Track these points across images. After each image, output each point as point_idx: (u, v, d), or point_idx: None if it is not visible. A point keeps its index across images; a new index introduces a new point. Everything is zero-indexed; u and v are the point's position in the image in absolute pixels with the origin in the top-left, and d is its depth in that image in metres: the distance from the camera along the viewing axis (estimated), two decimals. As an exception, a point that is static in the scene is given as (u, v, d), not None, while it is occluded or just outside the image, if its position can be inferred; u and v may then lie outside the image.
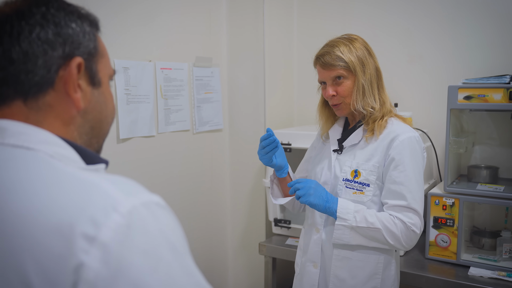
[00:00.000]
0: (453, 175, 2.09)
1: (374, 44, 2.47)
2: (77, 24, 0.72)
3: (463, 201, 1.88)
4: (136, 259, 0.56)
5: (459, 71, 2.24)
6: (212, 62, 2.45)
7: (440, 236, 1.93)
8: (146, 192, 0.63)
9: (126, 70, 1.95)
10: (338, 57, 1.52)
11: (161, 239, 0.59)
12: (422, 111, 2.37)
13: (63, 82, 0.69)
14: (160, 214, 0.62)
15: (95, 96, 0.74)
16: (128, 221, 0.57)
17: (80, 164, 0.69)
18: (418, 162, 1.51)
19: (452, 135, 1.98)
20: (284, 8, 2.64)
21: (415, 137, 1.52)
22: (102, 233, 0.55)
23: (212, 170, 2.51)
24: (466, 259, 1.91)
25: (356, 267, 1.54)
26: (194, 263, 0.64)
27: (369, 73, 1.53)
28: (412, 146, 1.50)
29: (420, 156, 1.52)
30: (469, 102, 1.85)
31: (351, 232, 1.49)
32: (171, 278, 0.57)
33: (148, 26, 2.05)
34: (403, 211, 1.47)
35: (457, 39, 2.27)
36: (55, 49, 0.68)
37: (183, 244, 0.63)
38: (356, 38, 1.59)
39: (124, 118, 1.94)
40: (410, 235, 1.47)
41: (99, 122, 0.77)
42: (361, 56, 1.53)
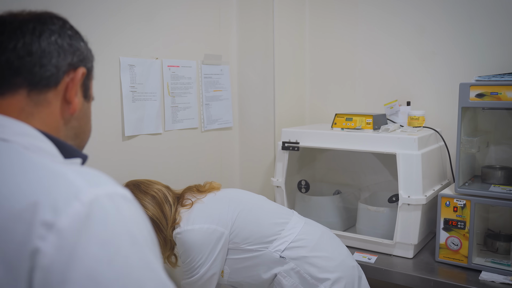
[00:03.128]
0: (466, 176, 2.02)
1: (385, 40, 2.43)
2: (83, 44, 0.85)
3: (474, 203, 1.81)
4: (92, 248, 0.56)
5: (474, 69, 2.17)
6: (222, 60, 2.43)
7: (450, 238, 1.87)
8: (113, 184, 0.65)
9: (132, 67, 1.94)
10: None
11: (121, 231, 0.59)
12: (435, 109, 2.30)
13: (65, 86, 0.79)
14: (124, 206, 0.62)
15: (84, 107, 0.85)
16: (88, 210, 0.58)
17: (56, 157, 0.73)
18: (183, 251, 1.68)
19: (464, 134, 1.91)
20: (295, 5, 2.60)
21: (179, 233, 1.66)
22: (60, 220, 0.56)
23: (222, 168, 2.49)
24: (478, 263, 1.84)
25: None
26: (159, 260, 0.63)
27: None
28: (177, 241, 1.67)
29: (181, 249, 1.68)
30: (481, 100, 1.78)
31: None
32: (127, 271, 0.57)
33: (155, 23, 2.05)
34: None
35: (472, 36, 2.20)
36: (67, 56, 0.79)
37: (147, 238, 0.63)
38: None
39: (130, 116, 1.94)
40: None
41: (82, 132, 0.86)
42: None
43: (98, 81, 1.82)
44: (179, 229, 1.63)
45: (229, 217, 1.67)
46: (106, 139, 1.88)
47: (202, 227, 1.62)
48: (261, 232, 1.67)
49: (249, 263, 1.68)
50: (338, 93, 2.64)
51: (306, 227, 1.74)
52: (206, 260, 1.61)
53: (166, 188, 1.74)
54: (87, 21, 1.77)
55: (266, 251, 1.65)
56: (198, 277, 1.62)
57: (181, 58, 2.19)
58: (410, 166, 1.89)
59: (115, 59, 1.88)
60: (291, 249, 1.66)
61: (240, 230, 1.66)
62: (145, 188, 1.69)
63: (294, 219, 1.76)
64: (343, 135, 2.08)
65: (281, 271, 1.65)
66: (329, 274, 1.63)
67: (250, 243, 1.66)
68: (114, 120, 1.90)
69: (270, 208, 1.80)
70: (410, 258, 1.95)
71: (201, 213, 1.66)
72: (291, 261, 1.65)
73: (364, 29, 2.51)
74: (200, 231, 1.62)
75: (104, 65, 1.84)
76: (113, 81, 1.89)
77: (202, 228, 1.62)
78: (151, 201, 1.66)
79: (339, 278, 1.63)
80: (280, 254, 1.65)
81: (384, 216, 2.05)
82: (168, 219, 1.65)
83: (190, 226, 1.62)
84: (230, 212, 1.68)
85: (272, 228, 1.69)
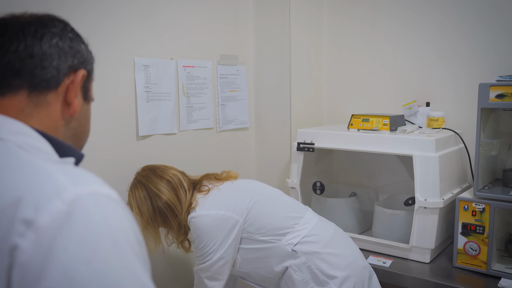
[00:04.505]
0: (487, 179, 1.95)
1: (404, 40, 2.38)
2: (84, 46, 0.86)
3: (494, 207, 1.75)
4: (70, 247, 0.56)
5: (496, 68, 2.10)
6: (238, 60, 2.42)
7: (469, 243, 1.81)
8: (99, 184, 0.65)
9: (147, 68, 1.96)
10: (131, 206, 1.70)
11: (102, 231, 0.59)
12: (456, 110, 2.24)
13: (65, 88, 0.80)
14: (107, 206, 0.62)
15: (84, 109, 0.86)
16: (70, 208, 0.58)
17: (51, 156, 0.73)
18: (197, 236, 1.66)
19: (484, 136, 1.85)
20: (313, 4, 2.57)
21: (194, 217, 1.65)
22: (40, 217, 0.57)
23: (238, 168, 2.48)
24: (497, 270, 1.77)
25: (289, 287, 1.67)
26: (143, 262, 0.63)
27: (146, 217, 1.67)
28: (192, 225, 1.66)
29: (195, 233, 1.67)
30: (502, 101, 1.72)
31: None
32: (105, 271, 0.57)
33: (171, 24, 2.06)
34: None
35: (494, 34, 2.13)
36: (67, 58, 0.80)
37: (131, 240, 0.63)
38: (137, 182, 1.72)
39: (144, 116, 1.96)
40: None
41: (81, 133, 0.87)
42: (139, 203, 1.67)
43: (112, 81, 1.85)
44: (194, 214, 1.63)
45: (244, 206, 1.66)
46: (120, 138, 1.89)
47: (218, 213, 1.62)
48: (275, 224, 1.67)
49: (260, 254, 1.67)
50: (357, 93, 2.60)
51: (319, 224, 1.74)
52: (220, 247, 1.61)
53: (181, 174, 1.74)
54: (102, 22, 1.79)
55: (279, 244, 1.65)
56: (211, 263, 1.61)
57: (196, 58, 2.19)
58: (427, 169, 1.84)
59: (129, 59, 1.90)
60: (304, 243, 1.65)
61: (254, 220, 1.66)
62: (161, 173, 1.70)
63: (308, 215, 1.75)
64: (358, 136, 2.04)
65: (292, 265, 1.64)
66: (340, 272, 1.62)
67: (264, 234, 1.66)
68: (128, 120, 1.91)
69: (285, 202, 1.79)
70: (427, 263, 1.90)
71: (218, 199, 1.67)
72: (302, 256, 1.64)
73: (382, 29, 2.46)
74: (215, 217, 1.62)
75: (118, 66, 1.86)
76: (128, 81, 1.90)
77: (218, 214, 1.62)
78: (166, 186, 1.67)
79: (348, 277, 1.62)
80: (292, 247, 1.64)
81: (400, 219, 2.01)
82: (183, 204, 1.66)
83: (205, 211, 1.63)
84: (246, 201, 1.68)
85: (286, 221, 1.68)
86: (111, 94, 1.85)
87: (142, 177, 1.71)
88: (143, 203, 1.66)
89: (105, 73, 1.81)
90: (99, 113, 1.80)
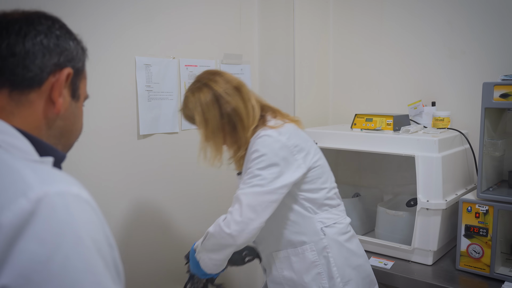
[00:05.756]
0: (492, 180, 1.91)
1: (410, 39, 2.34)
2: (73, 43, 0.83)
3: (498, 209, 1.71)
4: (30, 246, 0.55)
5: (503, 68, 2.05)
6: (242, 59, 2.42)
7: (472, 246, 1.78)
8: (68, 183, 0.64)
9: (148, 67, 1.96)
10: (188, 116, 1.59)
11: (65, 231, 0.58)
12: (462, 110, 2.20)
13: (50, 86, 0.78)
14: (75, 206, 0.61)
15: (72, 107, 0.84)
16: (34, 207, 0.58)
17: (30, 155, 0.73)
18: (259, 155, 1.45)
19: (489, 137, 1.81)
20: (318, 3, 2.55)
21: (261, 135, 1.48)
22: (3, 216, 0.56)
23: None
24: (501, 273, 1.73)
25: (294, 262, 1.58)
26: (108, 265, 0.61)
27: (211, 127, 1.51)
28: (256, 144, 1.47)
29: (262, 150, 1.45)
30: (506, 100, 1.68)
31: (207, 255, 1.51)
32: (64, 272, 0.56)
33: (173, 22, 2.06)
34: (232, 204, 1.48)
35: (501, 34, 2.08)
36: (52, 56, 0.78)
37: (98, 241, 0.61)
38: (203, 85, 1.52)
39: (145, 115, 1.96)
40: (223, 231, 1.44)
41: (69, 131, 0.85)
42: (205, 110, 1.50)
43: (113, 80, 1.86)
44: (268, 132, 1.47)
45: (311, 160, 1.53)
46: (121, 137, 1.90)
47: (292, 143, 1.48)
48: (322, 194, 1.56)
49: (287, 216, 1.56)
50: (362, 93, 2.57)
51: (348, 218, 1.69)
52: (278, 179, 1.44)
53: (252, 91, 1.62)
54: (105, 21, 1.80)
55: (313, 217, 1.56)
56: (262, 191, 1.43)
57: (199, 57, 2.19)
58: (429, 169, 1.81)
59: (131, 58, 1.91)
60: (333, 227, 1.58)
61: (310, 179, 1.54)
62: (229, 78, 1.55)
63: (343, 206, 1.69)
64: (361, 136, 2.02)
65: (312, 243, 1.56)
66: (351, 271, 1.58)
67: (308, 199, 1.55)
68: (129, 119, 1.92)
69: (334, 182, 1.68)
70: (429, 265, 1.87)
71: (294, 134, 1.51)
72: (326, 239, 1.55)
73: (388, 28, 2.43)
74: (286, 147, 1.46)
75: (119, 65, 1.87)
76: (129, 80, 1.91)
77: (289, 146, 1.47)
78: (234, 92, 1.51)
79: (354, 279, 1.59)
80: (323, 227, 1.56)
81: (403, 220, 1.98)
82: (250, 117, 1.51)
83: (280, 136, 1.47)
84: (314, 158, 1.55)
85: (332, 198, 1.60)
86: (112, 93, 1.86)
87: (208, 80, 1.52)
88: (210, 109, 1.49)
89: (106, 72, 1.82)
90: (99, 112, 1.81)
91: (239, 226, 1.41)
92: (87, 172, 1.79)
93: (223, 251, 1.48)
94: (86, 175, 1.79)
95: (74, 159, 1.77)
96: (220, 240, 1.44)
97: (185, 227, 2.21)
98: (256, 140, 1.47)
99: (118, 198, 1.91)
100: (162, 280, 2.12)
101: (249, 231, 1.42)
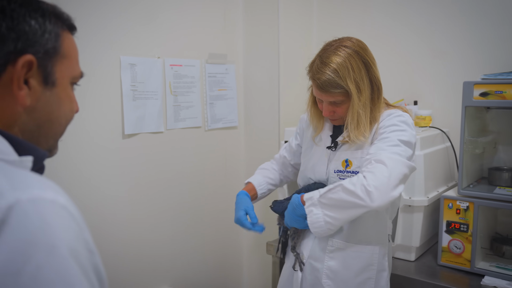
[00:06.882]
0: (473, 177, 1.96)
1: (393, 39, 2.38)
2: (37, 22, 0.71)
3: (478, 205, 1.75)
4: (0, 257, 0.52)
5: (484, 67, 2.10)
6: (227, 59, 2.43)
7: (453, 241, 1.81)
8: (43, 188, 0.59)
9: (133, 66, 1.96)
10: (336, 84, 1.42)
11: (38, 239, 0.54)
12: (444, 109, 2.24)
13: (10, 78, 0.68)
14: (49, 213, 0.57)
15: (46, 96, 0.73)
16: (5, 216, 0.54)
17: (7, 155, 0.67)
18: (402, 129, 1.42)
19: (470, 135, 1.85)
20: (302, 3, 2.57)
21: (402, 114, 1.47)
22: None
23: (226, 167, 2.49)
24: (481, 268, 1.78)
25: (350, 258, 1.51)
26: (86, 273, 0.58)
27: (364, 97, 1.44)
28: (397, 119, 1.44)
29: (405, 127, 1.43)
30: (485, 99, 1.72)
31: (321, 210, 1.38)
32: (37, 283, 0.52)
33: (158, 22, 2.06)
34: (368, 164, 1.36)
35: (482, 33, 2.13)
36: (6, 44, 0.67)
37: (75, 249, 0.57)
38: (354, 52, 1.45)
39: (130, 114, 1.96)
40: (364, 187, 1.30)
41: (48, 122, 0.76)
42: (358, 80, 1.43)
43: (98, 80, 1.85)
44: (407, 114, 1.47)
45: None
46: (106, 137, 1.90)
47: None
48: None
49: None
50: (345, 92, 2.60)
51: None
52: (410, 160, 1.41)
53: None
54: (88, 20, 1.79)
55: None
56: (403, 162, 1.36)
57: (184, 57, 2.20)
58: (411, 167, 1.84)
59: (115, 58, 1.90)
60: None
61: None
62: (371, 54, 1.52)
63: None
64: (345, 134, 2.04)
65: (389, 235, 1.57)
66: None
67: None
68: (114, 118, 1.92)
69: None
70: (412, 261, 1.91)
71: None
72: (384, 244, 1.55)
73: (371, 28, 2.46)
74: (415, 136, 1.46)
75: (104, 64, 1.87)
76: (113, 80, 1.90)
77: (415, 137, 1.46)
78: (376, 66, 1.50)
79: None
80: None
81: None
82: (382, 91, 1.50)
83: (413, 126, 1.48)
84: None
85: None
86: (97, 93, 1.85)
87: (361, 49, 1.47)
88: (363, 78, 1.44)
89: (91, 72, 1.81)
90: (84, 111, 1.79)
91: (383, 187, 1.30)
92: (70, 173, 1.78)
93: (348, 211, 1.34)
94: (70, 175, 1.78)
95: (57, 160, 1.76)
96: (354, 197, 1.31)
97: (170, 226, 2.21)
98: (396, 117, 1.45)
99: (103, 198, 1.91)
100: (148, 279, 2.12)
101: (389, 197, 1.31)
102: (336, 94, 1.44)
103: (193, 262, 2.34)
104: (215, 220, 2.45)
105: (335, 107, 1.48)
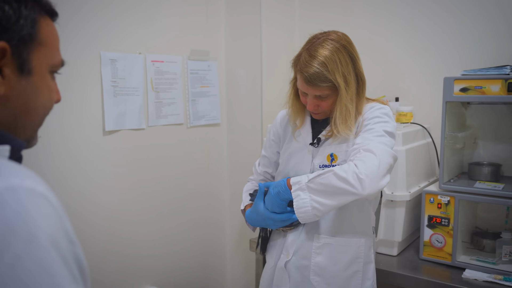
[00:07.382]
0: (453, 172, 1.98)
1: (375, 35, 2.40)
2: (11, 7, 0.68)
3: (459, 200, 1.77)
4: None
5: (465, 63, 2.12)
6: (209, 56, 2.41)
7: (435, 236, 1.83)
8: (21, 176, 0.58)
9: (114, 62, 1.93)
10: (325, 77, 1.42)
11: (17, 228, 0.53)
12: (424, 106, 2.26)
13: None
14: (28, 201, 0.56)
15: (21, 84, 0.70)
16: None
17: None
18: (385, 121, 1.47)
19: (450, 130, 1.88)
20: (285, 0, 2.57)
21: (383, 107, 1.51)
22: None
23: (209, 164, 2.47)
24: (462, 261, 1.80)
25: (337, 252, 1.52)
26: (67, 263, 0.57)
27: (351, 91, 1.46)
28: (379, 111, 1.48)
29: (387, 118, 1.48)
30: (466, 94, 1.74)
31: (309, 195, 1.37)
32: (16, 273, 0.51)
33: (139, 17, 2.03)
34: (356, 153, 1.38)
35: (463, 30, 2.16)
36: None
37: (55, 238, 0.56)
38: (341, 46, 1.46)
39: (111, 111, 1.93)
40: (356, 174, 1.32)
41: (25, 112, 0.73)
42: (346, 74, 1.44)
43: (77, 75, 1.82)
44: (387, 107, 1.52)
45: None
46: (86, 134, 1.87)
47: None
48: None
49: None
50: (328, 89, 2.61)
51: None
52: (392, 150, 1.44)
53: None
54: (67, 14, 1.75)
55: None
56: (390, 152, 1.40)
57: (166, 53, 2.17)
58: (393, 162, 1.86)
59: (95, 53, 1.87)
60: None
61: None
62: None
63: None
64: (328, 130, 2.04)
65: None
66: None
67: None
68: (94, 115, 1.89)
69: None
70: (395, 255, 1.92)
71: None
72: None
73: (353, 25, 2.47)
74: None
75: (84, 59, 1.83)
76: (94, 75, 1.87)
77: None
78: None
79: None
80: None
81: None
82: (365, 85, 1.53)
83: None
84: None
85: None
86: (77, 89, 1.82)
87: (347, 43, 1.49)
88: (350, 72, 1.45)
89: (70, 67, 1.77)
90: (63, 107, 1.77)
91: (374, 175, 1.32)
92: (50, 170, 1.75)
93: (337, 198, 1.34)
94: (50, 172, 1.75)
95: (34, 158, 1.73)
96: (345, 184, 1.32)
97: (152, 224, 2.18)
98: (378, 110, 1.49)
99: (83, 197, 1.88)
100: (130, 278, 2.10)
101: (379, 186, 1.34)
102: (323, 88, 1.44)
103: (175, 260, 2.32)
104: (198, 218, 2.43)
105: (320, 101, 1.48)
